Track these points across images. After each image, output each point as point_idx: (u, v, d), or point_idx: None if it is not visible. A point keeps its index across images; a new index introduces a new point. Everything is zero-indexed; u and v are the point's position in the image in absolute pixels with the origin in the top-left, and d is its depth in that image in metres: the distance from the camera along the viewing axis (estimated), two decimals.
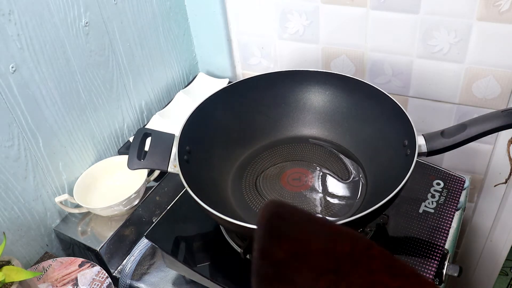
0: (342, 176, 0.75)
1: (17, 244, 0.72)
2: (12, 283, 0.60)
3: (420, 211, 0.72)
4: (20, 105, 0.68)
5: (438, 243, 0.67)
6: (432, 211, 0.72)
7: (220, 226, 0.72)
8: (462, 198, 0.78)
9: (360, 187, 0.73)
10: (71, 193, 0.77)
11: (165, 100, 1.00)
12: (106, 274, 0.70)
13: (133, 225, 0.79)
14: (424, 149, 0.64)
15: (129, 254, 0.78)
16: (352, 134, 0.79)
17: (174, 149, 0.67)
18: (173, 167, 0.66)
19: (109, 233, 0.75)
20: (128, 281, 0.75)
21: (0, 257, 0.62)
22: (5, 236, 0.66)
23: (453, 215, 0.72)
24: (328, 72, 0.79)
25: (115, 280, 0.76)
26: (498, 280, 1.15)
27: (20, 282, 0.61)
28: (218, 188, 0.74)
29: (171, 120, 0.92)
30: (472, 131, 0.62)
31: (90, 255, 0.75)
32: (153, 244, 0.72)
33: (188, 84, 1.04)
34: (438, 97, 0.88)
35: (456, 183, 0.77)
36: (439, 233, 0.69)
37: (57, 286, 0.70)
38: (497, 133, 0.83)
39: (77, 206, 0.79)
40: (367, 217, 0.56)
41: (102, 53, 0.81)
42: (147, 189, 0.81)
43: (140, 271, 0.76)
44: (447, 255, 0.67)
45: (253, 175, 0.77)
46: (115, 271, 0.77)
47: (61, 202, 0.75)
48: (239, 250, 0.67)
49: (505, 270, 1.39)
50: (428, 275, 0.64)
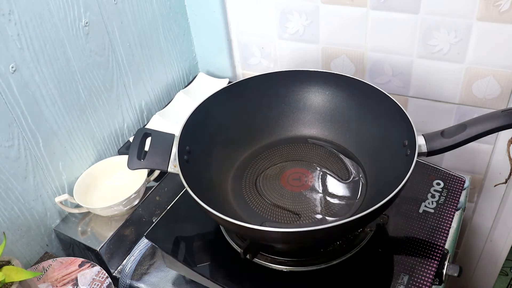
0: (342, 176, 0.75)
1: (17, 244, 0.72)
2: (12, 283, 0.60)
3: (420, 211, 0.72)
4: (20, 105, 0.68)
5: (438, 243, 0.67)
6: (432, 211, 0.72)
7: (220, 226, 0.72)
8: (462, 198, 0.78)
9: (360, 187, 0.73)
10: (71, 193, 0.77)
11: (165, 100, 1.00)
12: (106, 274, 0.70)
13: (133, 225, 0.79)
14: (424, 149, 0.64)
15: (129, 254, 0.78)
16: (352, 134, 0.79)
17: (174, 149, 0.66)
18: (173, 167, 0.66)
19: (109, 233, 0.75)
20: (128, 281, 0.75)
21: (0, 257, 0.62)
22: (5, 236, 0.66)
23: (453, 215, 0.72)
24: (328, 72, 0.79)
25: (115, 280, 0.76)
26: (498, 280, 1.15)
27: (20, 282, 0.61)
28: (218, 188, 0.74)
29: (171, 120, 0.92)
30: (472, 131, 0.62)
31: (90, 255, 0.75)
32: (153, 244, 0.72)
33: (188, 84, 1.04)
34: (438, 97, 0.88)
35: (456, 183, 0.77)
36: (439, 233, 0.69)
37: (57, 286, 0.70)
38: (497, 133, 0.83)
39: (77, 206, 0.79)
40: (367, 217, 0.56)
41: (102, 53, 0.81)
42: (147, 189, 0.81)
43: (140, 271, 0.76)
44: (447, 255, 0.67)
45: (253, 175, 0.77)
46: (115, 271, 0.77)
47: (61, 202, 0.75)
48: (239, 250, 0.67)
49: (505, 270, 1.39)
50: (428, 275, 0.64)
